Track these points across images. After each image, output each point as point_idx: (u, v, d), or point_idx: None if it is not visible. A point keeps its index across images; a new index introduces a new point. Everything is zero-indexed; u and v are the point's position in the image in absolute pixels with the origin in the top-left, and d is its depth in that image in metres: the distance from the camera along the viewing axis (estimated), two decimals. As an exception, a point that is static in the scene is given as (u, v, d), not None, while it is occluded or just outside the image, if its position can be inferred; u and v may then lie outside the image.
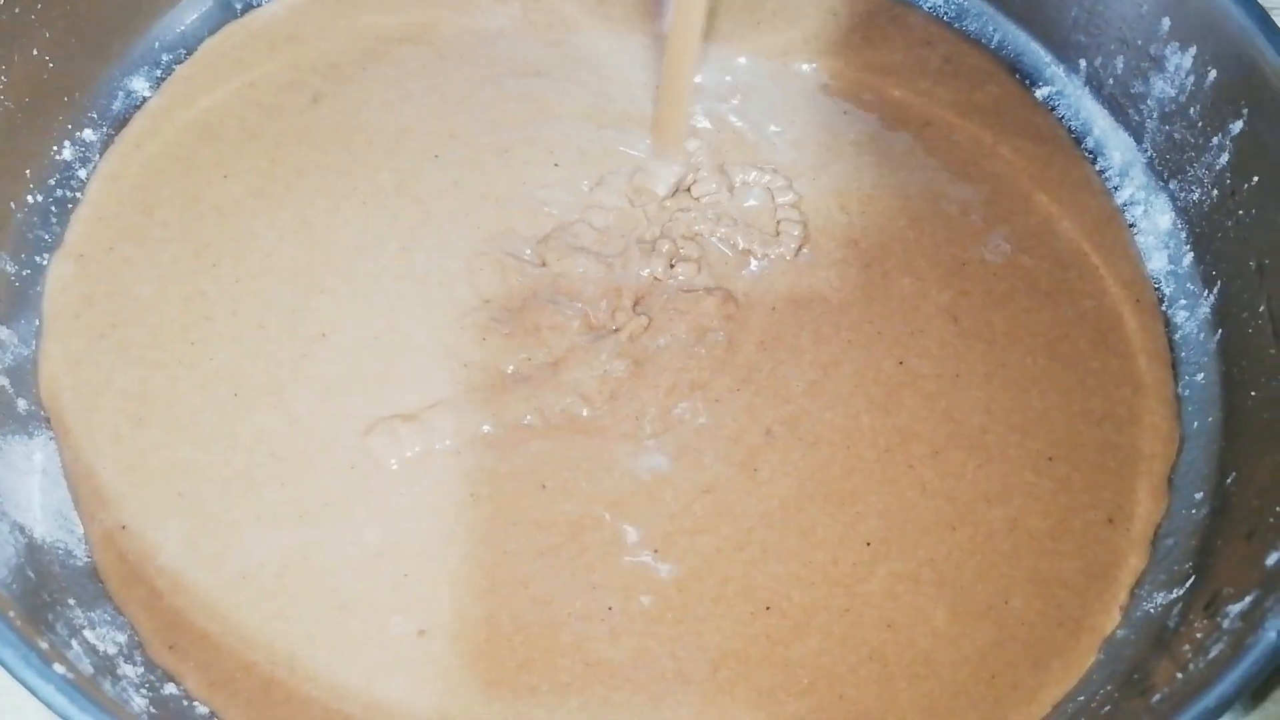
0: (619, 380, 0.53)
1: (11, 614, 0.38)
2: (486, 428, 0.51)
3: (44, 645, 0.38)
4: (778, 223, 0.59)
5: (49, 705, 0.36)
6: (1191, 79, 0.58)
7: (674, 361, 0.54)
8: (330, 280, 0.55)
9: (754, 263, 0.57)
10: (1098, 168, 0.64)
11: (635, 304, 0.56)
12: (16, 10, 0.54)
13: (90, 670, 0.41)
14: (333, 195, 0.58)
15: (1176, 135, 0.60)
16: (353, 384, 0.52)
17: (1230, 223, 0.57)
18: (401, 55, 0.64)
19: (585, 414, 0.52)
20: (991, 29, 0.69)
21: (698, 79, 0.63)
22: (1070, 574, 0.49)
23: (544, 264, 0.56)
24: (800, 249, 0.58)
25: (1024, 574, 0.49)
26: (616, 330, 0.54)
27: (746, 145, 0.63)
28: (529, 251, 0.57)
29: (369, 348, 0.53)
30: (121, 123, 0.61)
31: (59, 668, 0.36)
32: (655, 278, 0.57)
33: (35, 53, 0.55)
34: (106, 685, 0.41)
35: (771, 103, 0.64)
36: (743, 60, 0.66)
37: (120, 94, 0.61)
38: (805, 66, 0.66)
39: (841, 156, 0.62)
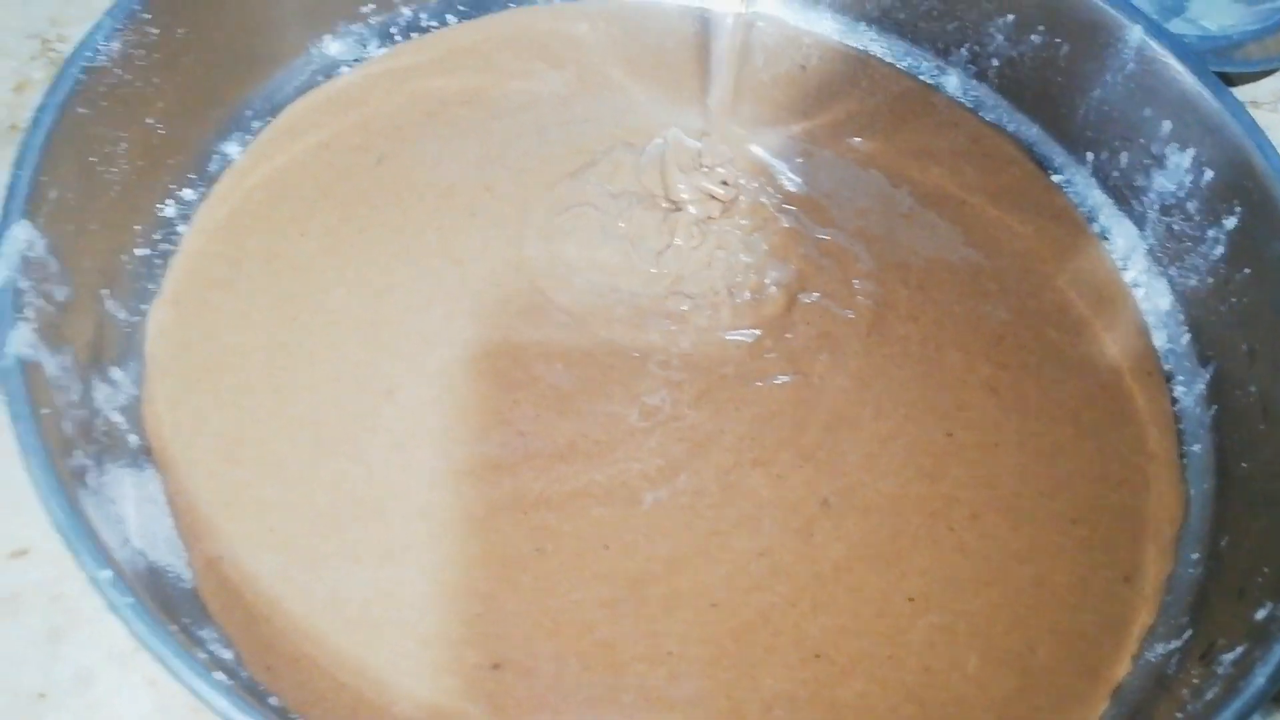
0: (679, 460, 0.56)
1: (172, 626, 0.41)
2: (546, 493, 0.54)
3: (202, 656, 0.42)
4: (854, 297, 0.64)
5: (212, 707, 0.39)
6: (1190, 177, 0.63)
7: (738, 444, 0.57)
8: (391, 339, 0.59)
9: (829, 345, 0.61)
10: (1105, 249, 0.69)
11: (699, 398, 0.58)
12: (138, 83, 0.59)
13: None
14: (389, 254, 0.62)
15: (1175, 227, 0.65)
16: (419, 439, 0.55)
17: (1224, 308, 0.62)
18: (456, 116, 0.69)
19: (645, 489, 0.55)
20: (1006, 120, 0.74)
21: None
22: (1089, 627, 0.53)
23: (583, 327, 0.60)
24: (873, 325, 0.62)
25: (1048, 626, 0.53)
26: (676, 419, 0.58)
27: (817, 208, 0.67)
28: (564, 318, 0.60)
29: (430, 407, 0.56)
30: (215, 182, 0.65)
31: (218, 675, 0.40)
32: (712, 349, 0.60)
33: (150, 121, 0.61)
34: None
35: (830, 173, 0.70)
36: (794, 133, 0.71)
37: (216, 156, 0.66)
38: (853, 141, 0.72)
39: (896, 229, 0.67)
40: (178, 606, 0.49)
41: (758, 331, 0.62)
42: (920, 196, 0.69)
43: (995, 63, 0.74)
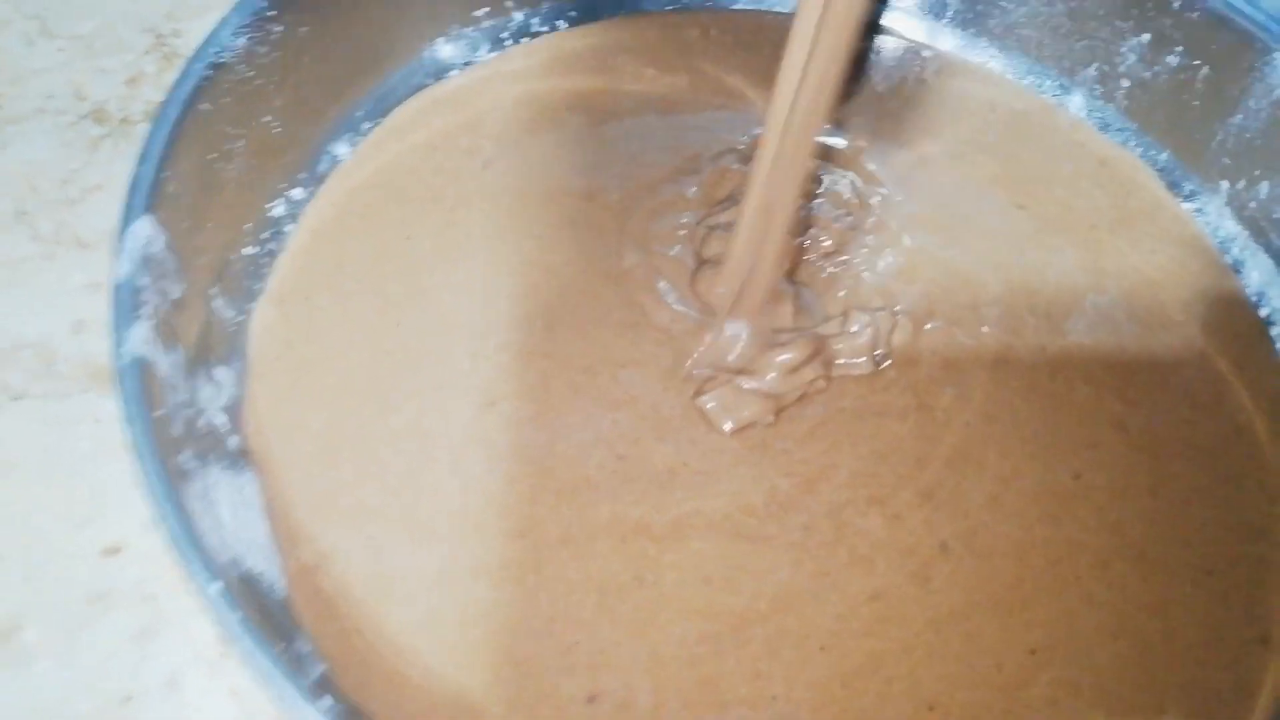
0: (788, 495, 0.54)
1: (279, 645, 0.41)
2: (646, 520, 0.52)
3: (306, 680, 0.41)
4: (981, 325, 0.61)
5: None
6: (1338, 212, 0.59)
7: (852, 480, 0.55)
8: (493, 349, 0.58)
9: (954, 376, 0.59)
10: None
11: (813, 431, 0.56)
12: (259, 80, 0.59)
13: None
14: (492, 261, 0.61)
15: (1318, 264, 0.61)
16: (519, 454, 0.54)
17: None
18: (563, 121, 0.68)
19: (750, 523, 0.53)
20: (1133, 142, 0.71)
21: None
22: (1223, 689, 0.50)
23: (682, 347, 0.58)
24: (1000, 356, 0.60)
25: (1179, 685, 0.50)
26: (787, 453, 0.55)
27: (940, 229, 0.65)
28: (661, 336, 0.58)
29: (531, 422, 0.55)
30: (323, 182, 0.65)
31: (325, 700, 0.39)
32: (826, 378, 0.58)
33: (268, 119, 0.61)
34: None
35: (952, 192, 0.67)
36: (914, 149, 0.69)
37: (326, 156, 0.66)
38: (975, 159, 0.69)
39: (1022, 252, 0.64)
40: (271, 616, 0.48)
41: (882, 361, 0.59)
42: (1044, 220, 0.66)
43: (1125, 84, 0.71)
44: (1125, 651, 0.50)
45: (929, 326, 0.61)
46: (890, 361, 0.59)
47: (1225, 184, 0.67)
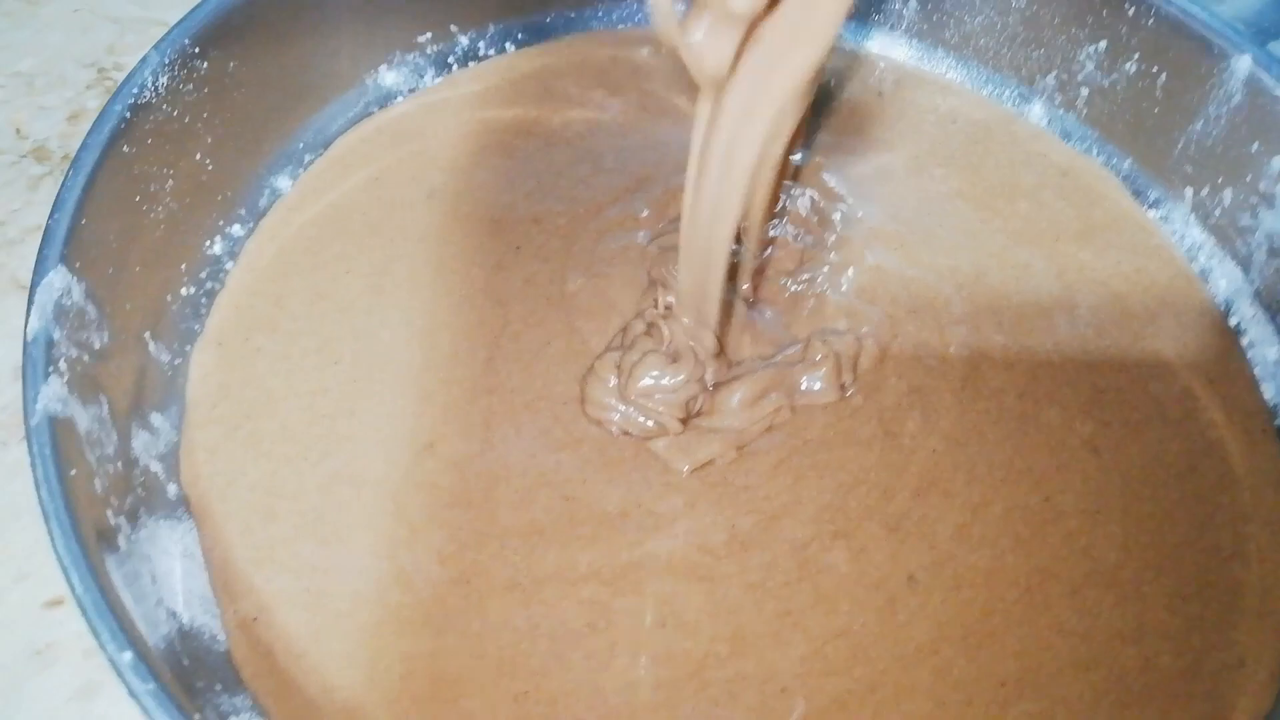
0: (748, 534, 0.52)
1: (183, 702, 0.39)
2: (597, 565, 0.51)
3: None
4: (948, 346, 0.59)
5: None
6: (1305, 218, 0.58)
7: (818, 515, 0.53)
8: (433, 387, 0.56)
9: (921, 401, 0.57)
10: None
11: (777, 466, 0.54)
12: (186, 119, 0.57)
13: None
14: (434, 293, 0.59)
15: (1288, 270, 0.60)
16: (461, 499, 0.52)
17: None
18: (511, 146, 0.67)
19: (708, 563, 0.51)
20: (1096, 151, 0.70)
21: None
22: (1201, 717, 0.48)
23: (627, 385, 0.55)
24: (967, 378, 0.58)
25: (1155, 715, 0.48)
26: (748, 489, 0.54)
27: (902, 245, 0.64)
28: (610, 378, 0.56)
29: (471, 464, 0.53)
30: (264, 217, 0.63)
31: None
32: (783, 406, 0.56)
33: (198, 157, 0.59)
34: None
35: (913, 206, 0.66)
36: (873, 163, 0.68)
37: (266, 191, 0.64)
38: (935, 172, 0.68)
39: (987, 270, 0.63)
40: (211, 672, 0.46)
41: (848, 388, 0.57)
42: (1008, 233, 0.65)
43: (1085, 91, 0.70)
44: (1099, 682, 0.49)
45: (894, 349, 0.59)
46: (856, 388, 0.57)
47: (1189, 191, 0.66)
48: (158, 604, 0.47)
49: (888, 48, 0.75)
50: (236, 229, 0.62)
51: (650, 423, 0.54)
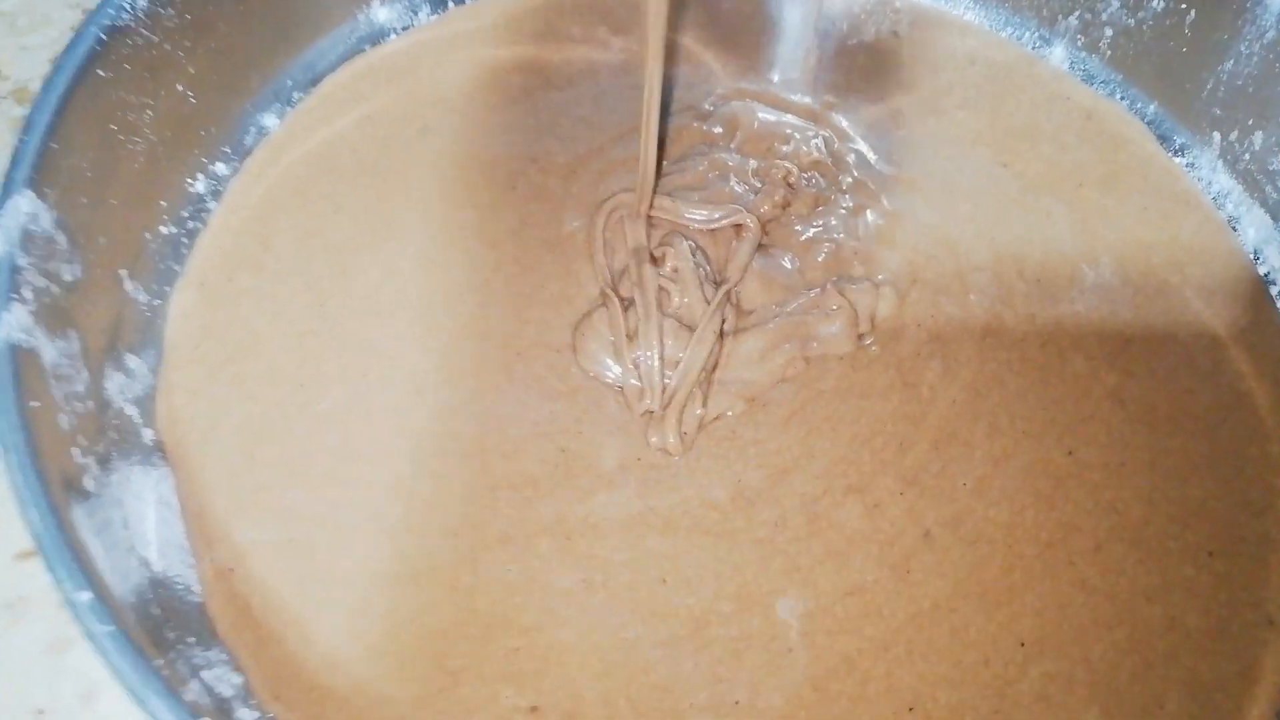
0: (756, 489, 0.50)
1: (146, 648, 0.37)
2: (593, 519, 0.49)
3: (190, 694, 0.37)
4: (968, 293, 0.57)
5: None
6: (1340, 161, 0.55)
7: (830, 469, 0.51)
8: (421, 331, 0.54)
9: (940, 350, 0.55)
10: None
11: (789, 418, 0.52)
12: (166, 46, 0.54)
13: (211, 711, 0.40)
14: (425, 235, 0.57)
15: (1320, 216, 0.57)
16: (450, 446, 0.50)
17: None
18: (509, 84, 0.64)
19: (713, 518, 0.49)
20: (1120, 94, 0.67)
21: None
22: (1228, 677, 0.46)
23: (630, 339, 0.53)
24: (989, 326, 0.56)
25: (1181, 676, 0.46)
26: (757, 443, 0.51)
27: (921, 190, 0.61)
28: (604, 330, 0.54)
29: (462, 411, 0.51)
30: (250, 155, 0.60)
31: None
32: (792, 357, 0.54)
33: (180, 88, 0.56)
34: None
35: (932, 150, 0.63)
36: (890, 105, 0.65)
37: (252, 129, 0.61)
38: (955, 115, 0.65)
39: (1008, 215, 0.60)
40: (184, 623, 0.44)
41: (865, 337, 0.55)
42: (1030, 178, 0.62)
43: (1109, 32, 0.66)
44: (1123, 641, 0.47)
45: (913, 296, 0.56)
46: (873, 338, 0.55)
47: (1217, 135, 0.63)
48: (129, 551, 0.45)
49: (904, -15, 0.71)
50: (220, 167, 0.59)
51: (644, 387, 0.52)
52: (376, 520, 0.48)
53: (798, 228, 0.59)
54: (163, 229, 0.56)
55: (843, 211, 0.59)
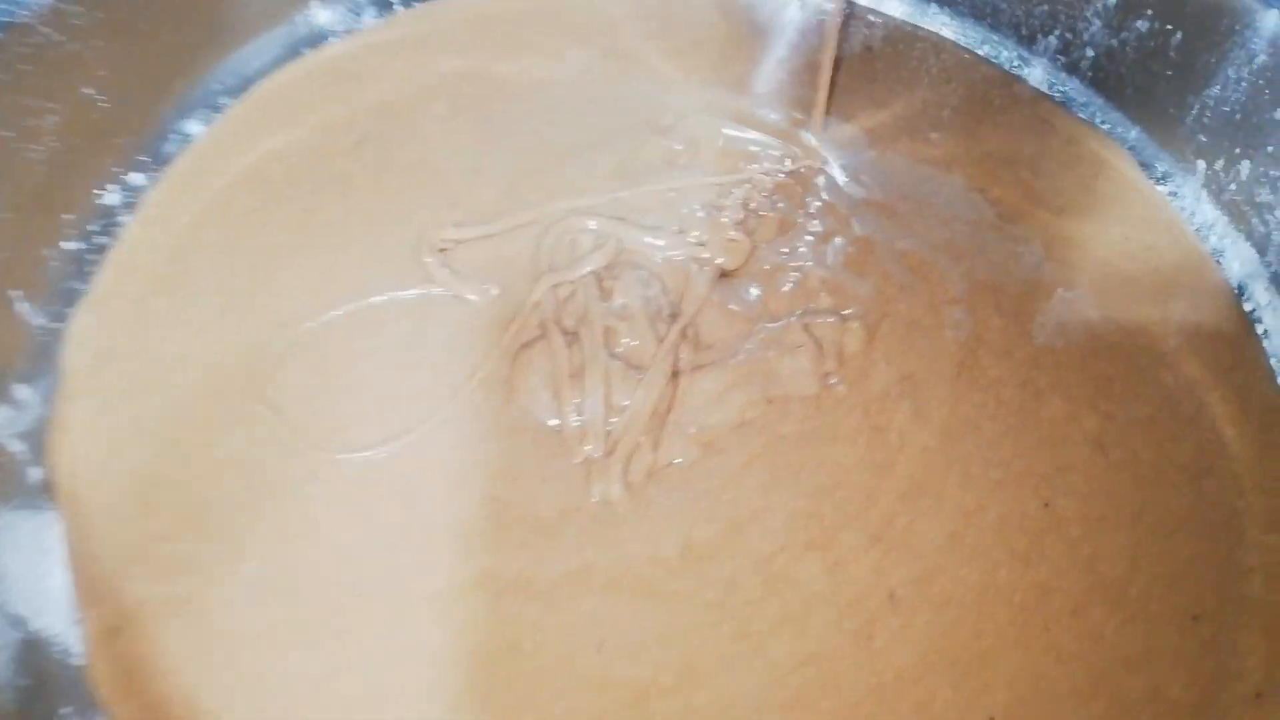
0: (708, 544, 0.46)
1: None
2: (527, 574, 0.45)
3: None
4: (943, 328, 0.53)
5: None
6: (1330, 195, 0.53)
7: (789, 523, 0.47)
8: (345, 362, 0.50)
9: (911, 390, 0.51)
10: (1219, 275, 0.58)
11: (747, 465, 0.48)
12: (73, 45, 0.50)
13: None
14: (357, 251, 0.53)
15: (1310, 252, 0.55)
16: (372, 491, 0.46)
17: None
18: (457, 92, 0.61)
19: (658, 578, 0.45)
20: (1100, 119, 0.64)
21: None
22: (1213, 757, 0.43)
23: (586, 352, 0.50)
24: (964, 364, 0.52)
25: (1165, 755, 0.43)
26: (710, 494, 0.48)
27: (894, 214, 0.58)
28: (561, 340, 0.50)
29: (394, 460, 0.47)
30: (170, 164, 0.56)
31: None
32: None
33: (89, 92, 0.52)
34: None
35: (906, 173, 0.60)
36: (862, 124, 0.62)
37: (174, 137, 0.58)
38: (930, 136, 0.62)
39: (986, 244, 0.57)
40: (59, 692, 0.40)
41: (829, 377, 0.51)
42: (1007, 205, 0.59)
43: (1090, 53, 0.64)
44: (1101, 715, 0.44)
45: (883, 331, 0.53)
46: (840, 377, 0.51)
47: (1202, 164, 0.60)
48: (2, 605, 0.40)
49: (878, 0, 0.68)
50: (136, 177, 0.55)
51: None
52: (282, 576, 0.44)
53: (761, 255, 0.55)
54: (66, 245, 0.52)
55: (809, 237, 0.56)
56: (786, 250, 0.55)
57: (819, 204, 0.57)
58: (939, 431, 0.50)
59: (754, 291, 0.54)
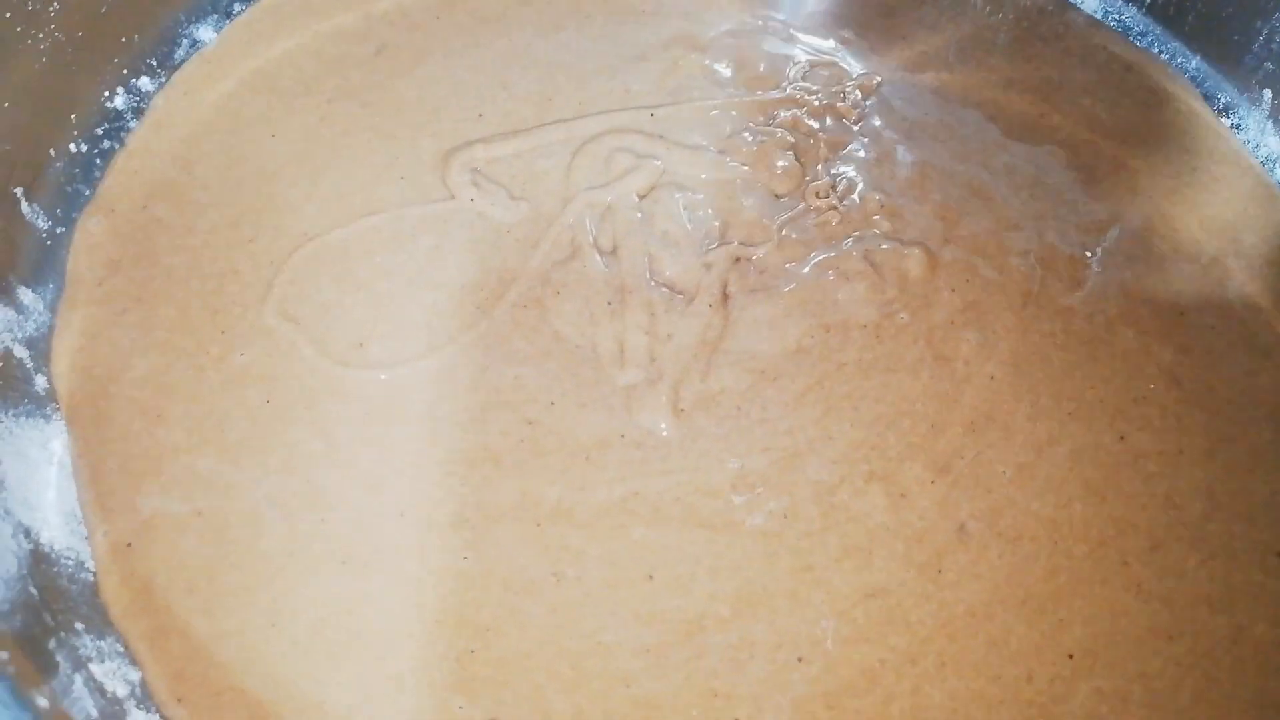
0: (762, 475, 0.44)
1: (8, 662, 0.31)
2: (567, 503, 0.43)
3: (43, 702, 0.31)
4: (1007, 256, 0.51)
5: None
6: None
7: (850, 453, 0.45)
8: (366, 275, 0.48)
9: (977, 319, 0.49)
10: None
11: (803, 394, 0.46)
12: None
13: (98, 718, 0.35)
14: (374, 165, 0.51)
15: (1380, 184, 0.52)
16: (395, 411, 0.44)
17: None
18: (482, 1, 0.58)
19: (710, 507, 0.43)
20: (1159, 48, 0.62)
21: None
22: (1302, 694, 0.42)
23: (625, 276, 0.47)
24: (1030, 293, 0.50)
25: (1249, 694, 0.42)
26: (764, 421, 0.46)
27: (954, 139, 0.55)
28: (598, 260, 0.48)
29: (412, 370, 0.45)
30: (179, 69, 0.54)
31: None
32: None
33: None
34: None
35: (960, 100, 0.57)
36: (912, 51, 0.59)
37: (185, 41, 0.55)
38: (985, 62, 0.59)
39: (1048, 172, 0.55)
40: (71, 607, 0.38)
41: (890, 301, 0.49)
42: (1068, 133, 0.57)
43: (1148, -22, 0.61)
44: (1183, 655, 0.42)
45: (946, 258, 0.50)
46: (901, 304, 0.49)
47: (1268, 94, 0.57)
48: (3, 515, 0.38)
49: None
50: (144, 81, 0.53)
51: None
52: (303, 494, 0.41)
53: (810, 178, 0.53)
54: (72, 147, 0.49)
55: (863, 158, 0.53)
56: (838, 172, 0.53)
57: (872, 126, 0.55)
58: (1006, 362, 0.48)
59: (807, 215, 0.51)
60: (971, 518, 0.44)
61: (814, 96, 0.55)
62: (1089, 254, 0.52)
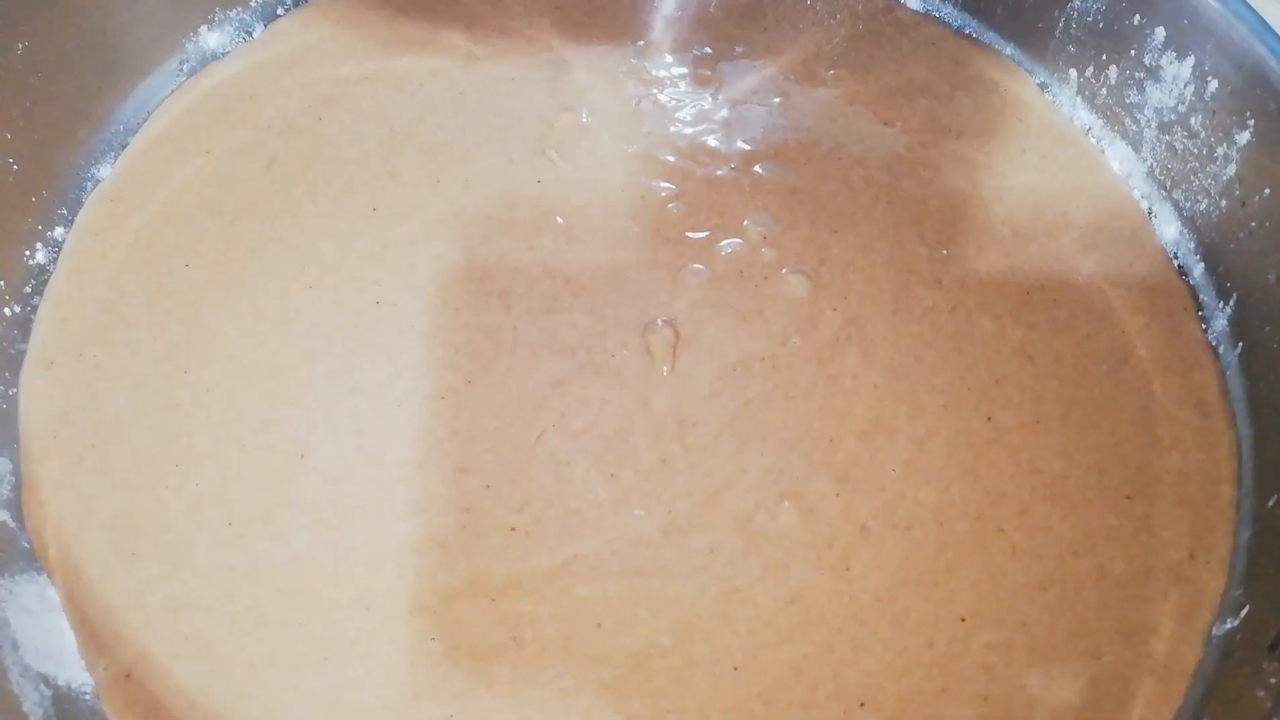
0: (688, 517, 0.48)
1: None
2: (515, 574, 0.46)
3: None
4: (875, 266, 0.54)
5: None
6: (1191, 89, 0.55)
7: (761, 482, 0.49)
8: (293, 387, 0.50)
9: (857, 333, 0.53)
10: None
11: (717, 437, 0.49)
12: None
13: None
14: (283, 276, 0.53)
15: (1178, 145, 0.57)
16: (343, 512, 0.47)
17: (1243, 234, 0.54)
18: (358, 96, 0.60)
19: (644, 556, 0.47)
20: (978, 37, 0.66)
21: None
22: (1158, 618, 0.47)
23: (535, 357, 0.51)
24: (897, 302, 0.54)
25: (1113, 625, 0.47)
26: (689, 469, 0.49)
27: (811, 158, 0.59)
28: (511, 336, 0.51)
29: (350, 474, 0.48)
30: (83, 212, 0.55)
31: None
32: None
33: (-1, 157, 0.51)
34: None
35: (814, 115, 0.61)
36: (763, 72, 0.63)
37: (89, 184, 0.56)
38: (828, 74, 0.63)
39: (899, 176, 0.59)
40: None
41: (783, 329, 0.53)
42: (913, 134, 0.60)
43: (953, -27, 0.65)
44: (1055, 601, 0.47)
45: (823, 276, 0.54)
46: (794, 333, 0.53)
47: (1074, 72, 0.63)
48: (22, 674, 0.41)
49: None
50: (60, 232, 0.54)
51: None
52: (277, 600, 0.44)
53: (699, 218, 0.56)
54: (6, 311, 0.51)
55: (736, 194, 0.57)
56: (719, 211, 0.56)
57: (738, 155, 0.58)
58: (885, 369, 0.52)
59: (697, 264, 0.55)
60: (871, 517, 0.48)
61: (683, 140, 0.58)
62: (944, 251, 0.56)
